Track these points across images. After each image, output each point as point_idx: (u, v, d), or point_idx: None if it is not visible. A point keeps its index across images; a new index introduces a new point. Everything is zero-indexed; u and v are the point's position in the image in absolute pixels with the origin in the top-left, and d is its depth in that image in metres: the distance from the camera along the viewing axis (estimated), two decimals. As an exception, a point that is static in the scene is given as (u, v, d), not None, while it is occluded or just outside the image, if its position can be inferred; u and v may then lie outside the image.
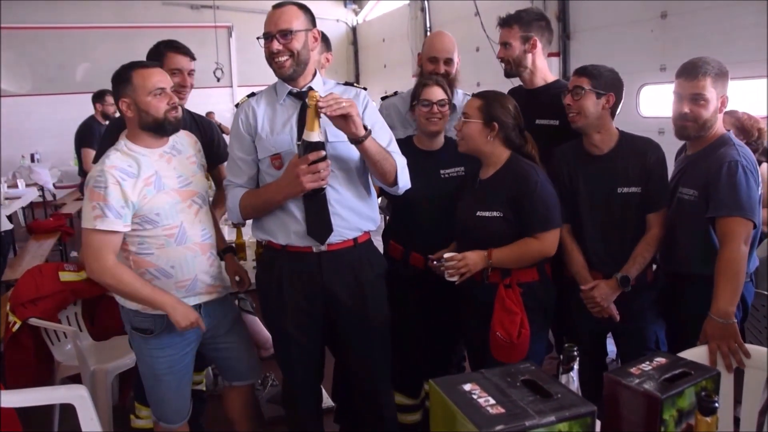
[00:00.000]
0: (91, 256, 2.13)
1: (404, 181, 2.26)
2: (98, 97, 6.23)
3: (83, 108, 6.51)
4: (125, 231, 2.14)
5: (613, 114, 2.38)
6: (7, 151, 9.72)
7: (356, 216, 2.24)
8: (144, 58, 2.72)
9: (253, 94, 2.32)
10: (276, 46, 2.12)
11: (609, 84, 2.34)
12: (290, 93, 2.23)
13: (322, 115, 1.96)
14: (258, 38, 2.17)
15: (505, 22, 2.76)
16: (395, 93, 3.02)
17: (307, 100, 1.97)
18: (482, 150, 2.36)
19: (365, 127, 2.05)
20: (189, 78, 2.73)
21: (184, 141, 2.35)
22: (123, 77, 2.18)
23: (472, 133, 2.33)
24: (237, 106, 2.34)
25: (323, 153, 2.01)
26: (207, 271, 2.32)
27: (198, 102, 2.46)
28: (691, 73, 2.22)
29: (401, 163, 2.24)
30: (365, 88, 2.36)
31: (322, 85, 2.27)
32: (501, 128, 2.32)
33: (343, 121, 1.99)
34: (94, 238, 2.11)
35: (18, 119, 10.30)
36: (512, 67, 2.78)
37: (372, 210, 2.33)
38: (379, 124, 2.28)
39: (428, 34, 9.71)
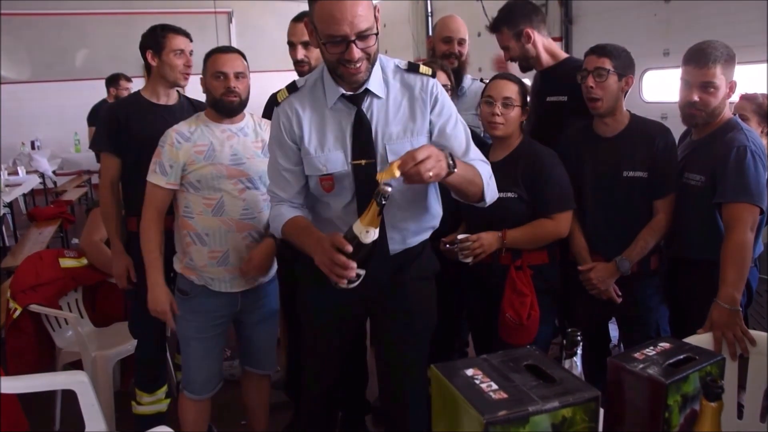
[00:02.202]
0: (144, 203, 2.41)
1: (492, 195, 1.91)
2: (112, 81, 6.25)
3: (83, 94, 6.50)
4: (168, 188, 2.35)
5: (625, 95, 2.36)
6: (7, 138, 9.68)
7: (410, 236, 1.99)
8: None
9: (294, 87, 1.92)
10: (355, 54, 1.69)
11: (628, 65, 2.32)
12: (343, 95, 1.85)
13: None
14: (324, 43, 1.71)
15: (494, 29, 2.74)
16: None
17: (375, 194, 1.55)
18: (514, 134, 2.38)
19: (449, 162, 1.66)
20: (190, 58, 2.76)
21: (256, 127, 2.46)
22: (204, 60, 2.40)
23: (516, 118, 2.35)
24: (276, 103, 1.94)
25: (369, 253, 1.63)
26: (242, 250, 2.37)
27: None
28: (700, 60, 2.17)
29: (487, 173, 1.88)
30: (434, 75, 1.92)
31: (380, 82, 1.86)
32: (528, 112, 2.39)
33: None
34: (147, 188, 2.39)
35: (18, 106, 10.24)
36: (522, 62, 2.77)
37: (431, 219, 2.04)
38: (450, 125, 1.90)
39: (429, 19, 9.66)
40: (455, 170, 1.68)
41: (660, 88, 5.67)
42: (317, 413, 2.29)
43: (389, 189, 1.53)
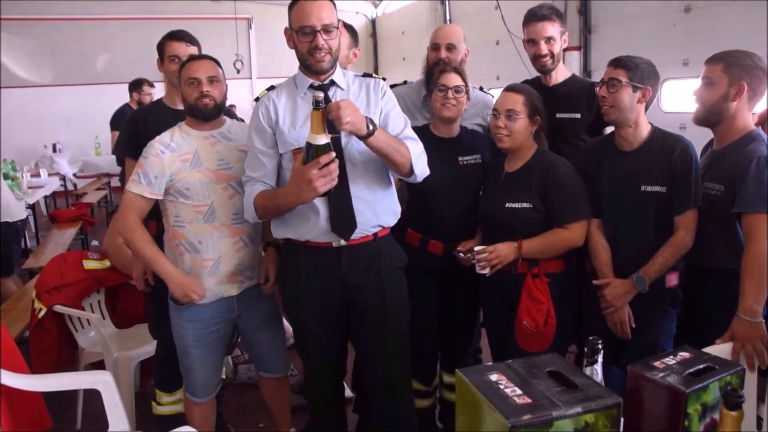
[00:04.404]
0: (120, 211, 2.41)
1: (421, 169, 2.22)
2: (135, 86, 6.29)
3: (104, 98, 6.59)
4: (152, 198, 2.35)
5: (646, 108, 2.32)
6: (30, 140, 9.85)
7: (377, 211, 2.23)
8: None
9: (272, 87, 2.29)
10: (321, 42, 2.09)
11: (646, 77, 2.27)
12: (311, 86, 2.19)
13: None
14: (296, 32, 2.10)
15: (546, 16, 2.70)
16: (404, 82, 3.03)
17: (311, 103, 1.89)
18: (523, 144, 2.39)
19: (369, 125, 1.99)
20: None
21: (238, 131, 2.49)
22: (179, 70, 2.43)
23: (521, 129, 2.36)
24: (257, 99, 2.28)
25: (333, 154, 1.92)
26: (233, 255, 2.40)
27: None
28: (711, 58, 2.24)
29: (416, 150, 2.19)
30: (384, 79, 2.34)
31: (343, 77, 2.25)
32: (541, 122, 2.38)
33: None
34: (125, 197, 2.39)
35: (40, 109, 10.41)
36: (553, 61, 2.73)
37: (392, 203, 2.31)
38: (395, 112, 2.27)
39: (448, 27, 9.68)
40: (375, 132, 2.01)
41: (679, 98, 5.66)
42: (325, 408, 2.45)
43: (321, 95, 1.86)
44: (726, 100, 2.20)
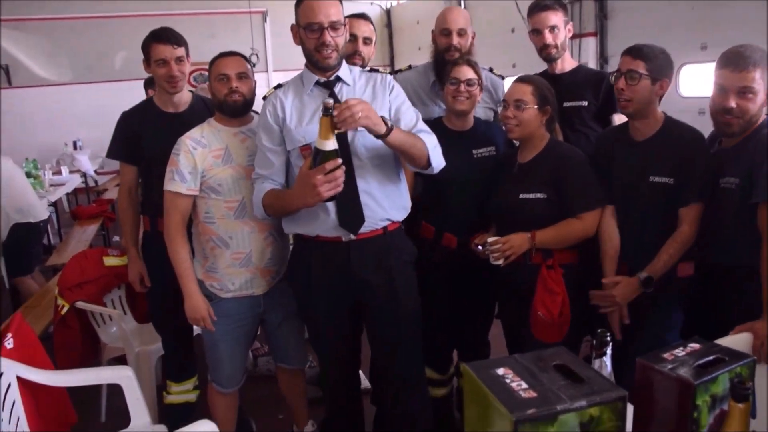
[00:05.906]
0: (165, 213, 2.42)
1: (438, 161, 2.23)
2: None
3: (122, 95, 6.56)
4: (189, 194, 2.37)
5: (660, 98, 2.28)
6: (50, 138, 9.99)
7: (385, 206, 2.23)
8: None
9: (279, 86, 2.31)
10: (328, 38, 2.10)
11: (664, 68, 2.23)
12: (317, 83, 2.21)
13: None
14: (304, 29, 2.13)
15: (549, 6, 2.73)
16: (409, 67, 3.02)
17: (321, 109, 1.90)
18: (534, 134, 2.38)
19: (386, 123, 2.02)
20: (178, 65, 2.67)
21: None
22: (209, 67, 2.43)
23: (531, 118, 2.35)
24: (264, 98, 2.30)
25: (339, 161, 1.94)
26: (263, 250, 2.43)
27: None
28: (738, 63, 2.01)
29: (431, 142, 2.20)
30: (391, 72, 2.33)
31: (349, 73, 2.26)
32: (552, 111, 2.37)
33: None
34: (166, 198, 2.40)
35: (60, 107, 10.54)
36: (558, 51, 2.76)
37: (402, 198, 2.32)
38: (405, 105, 2.28)
39: (463, 15, 9.62)
40: (393, 129, 2.03)
41: (697, 82, 5.59)
42: (341, 401, 2.50)
43: (330, 101, 1.88)
44: (762, 105, 2.08)
